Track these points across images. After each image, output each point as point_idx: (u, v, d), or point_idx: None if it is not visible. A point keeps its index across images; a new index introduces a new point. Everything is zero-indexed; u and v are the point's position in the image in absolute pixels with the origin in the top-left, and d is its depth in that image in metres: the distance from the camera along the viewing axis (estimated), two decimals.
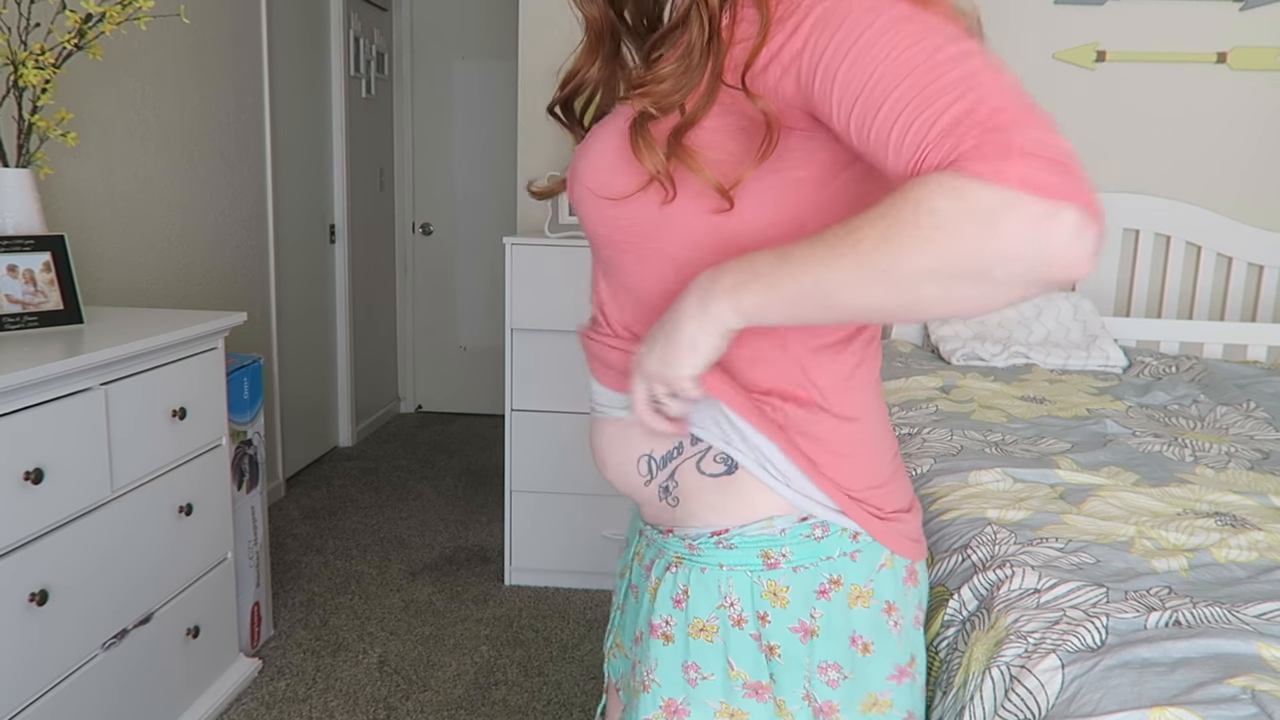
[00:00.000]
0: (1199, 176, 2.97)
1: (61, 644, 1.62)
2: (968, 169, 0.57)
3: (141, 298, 2.60)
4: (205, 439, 2.05)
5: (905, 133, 0.60)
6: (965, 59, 0.60)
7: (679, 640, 0.84)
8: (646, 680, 0.86)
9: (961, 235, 0.57)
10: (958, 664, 1.07)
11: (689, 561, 0.84)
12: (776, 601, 0.81)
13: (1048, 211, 0.56)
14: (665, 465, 0.85)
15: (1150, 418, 2.00)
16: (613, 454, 0.89)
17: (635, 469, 0.87)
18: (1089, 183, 0.57)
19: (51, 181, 2.19)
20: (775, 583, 0.81)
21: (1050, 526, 1.30)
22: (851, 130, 0.64)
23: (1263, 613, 1.04)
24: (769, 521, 0.81)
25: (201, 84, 2.89)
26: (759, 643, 0.82)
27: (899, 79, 0.61)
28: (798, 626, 0.81)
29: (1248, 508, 1.41)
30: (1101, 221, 0.57)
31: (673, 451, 0.84)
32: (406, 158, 4.77)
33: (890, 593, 0.84)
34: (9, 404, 1.48)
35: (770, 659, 0.82)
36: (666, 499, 0.86)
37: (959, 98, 0.59)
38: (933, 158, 0.59)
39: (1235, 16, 2.87)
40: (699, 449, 0.82)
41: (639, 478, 0.87)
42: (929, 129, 0.59)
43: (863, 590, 0.82)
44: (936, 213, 0.58)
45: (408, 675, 2.37)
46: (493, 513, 3.49)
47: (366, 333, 4.48)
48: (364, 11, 4.27)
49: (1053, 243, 0.56)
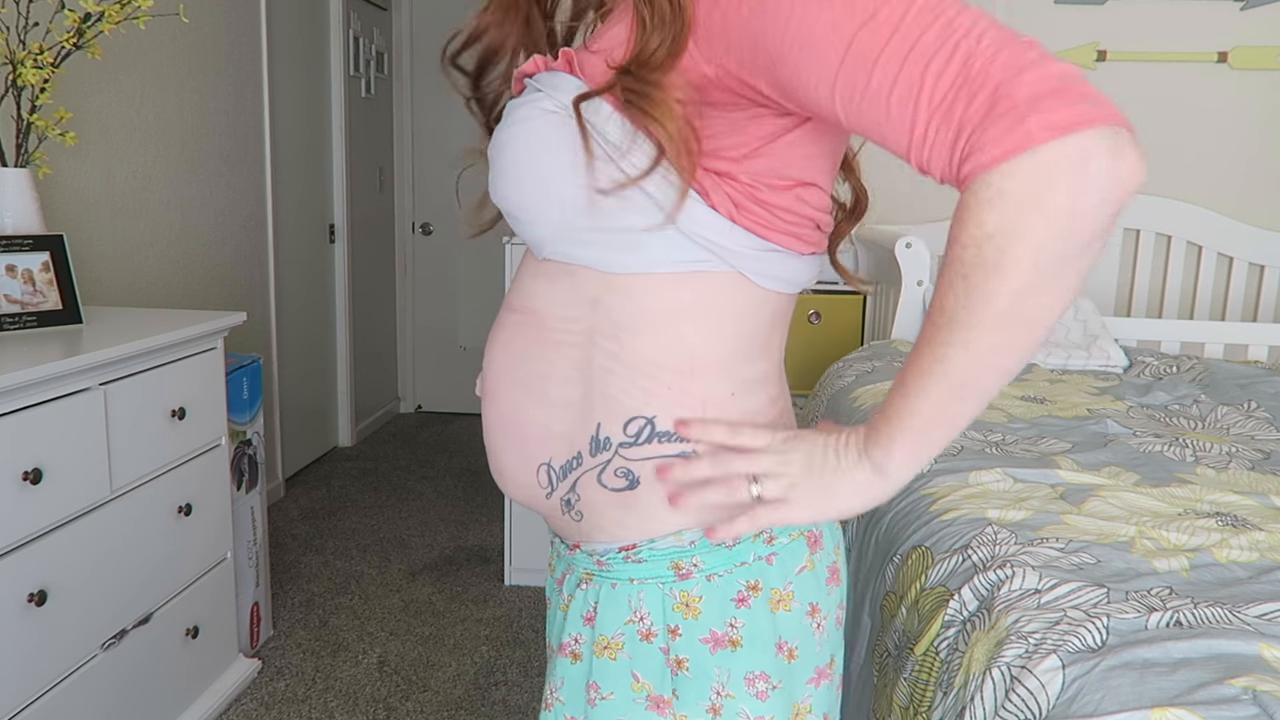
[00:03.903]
0: (1200, 176, 2.97)
1: (61, 644, 1.62)
2: (988, 155, 0.55)
3: (141, 297, 2.60)
4: (205, 439, 2.04)
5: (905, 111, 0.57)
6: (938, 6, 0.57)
7: (585, 658, 0.80)
8: (550, 699, 0.83)
9: (1029, 237, 0.55)
10: (958, 664, 1.07)
11: (599, 577, 0.80)
12: (688, 613, 0.77)
13: (1082, 151, 0.53)
14: (565, 476, 0.78)
15: (1151, 418, 1.99)
16: (512, 464, 0.82)
17: (535, 479, 0.80)
18: (1100, 94, 0.55)
19: (50, 181, 2.19)
20: (688, 593, 0.76)
21: (1051, 527, 1.30)
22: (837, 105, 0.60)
23: (1264, 613, 1.04)
24: (678, 535, 0.76)
25: (201, 83, 2.89)
26: (666, 656, 0.77)
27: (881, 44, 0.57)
28: (708, 637, 0.76)
29: (1249, 508, 1.41)
30: (1127, 122, 0.55)
31: (571, 461, 0.77)
32: (406, 157, 4.77)
33: (813, 594, 0.79)
34: (8, 404, 1.48)
35: (677, 673, 0.77)
36: (570, 513, 0.80)
37: (949, 57, 0.56)
38: (943, 135, 0.57)
39: (1236, 16, 2.87)
40: (600, 460, 0.76)
41: (539, 489, 0.81)
42: (927, 101, 0.56)
43: (783, 594, 0.77)
44: (994, 236, 0.56)
45: (407, 675, 2.37)
46: (493, 513, 3.49)
47: (366, 333, 4.48)
48: (364, 11, 4.27)
49: (1103, 172, 0.54)
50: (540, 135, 0.72)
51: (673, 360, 0.74)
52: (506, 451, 0.83)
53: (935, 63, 0.56)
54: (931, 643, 1.15)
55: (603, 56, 0.71)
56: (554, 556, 0.89)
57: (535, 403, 0.79)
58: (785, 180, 0.71)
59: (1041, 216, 0.54)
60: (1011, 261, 0.56)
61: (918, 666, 1.16)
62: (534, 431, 0.79)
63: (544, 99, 0.73)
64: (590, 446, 0.76)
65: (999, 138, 0.54)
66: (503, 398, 0.82)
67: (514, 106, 0.76)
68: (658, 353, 0.74)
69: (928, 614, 1.20)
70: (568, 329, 0.76)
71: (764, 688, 0.78)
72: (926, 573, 1.28)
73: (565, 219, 0.73)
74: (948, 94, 0.56)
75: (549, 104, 0.72)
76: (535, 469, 0.80)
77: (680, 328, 0.74)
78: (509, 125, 0.75)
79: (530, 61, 0.78)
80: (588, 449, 0.77)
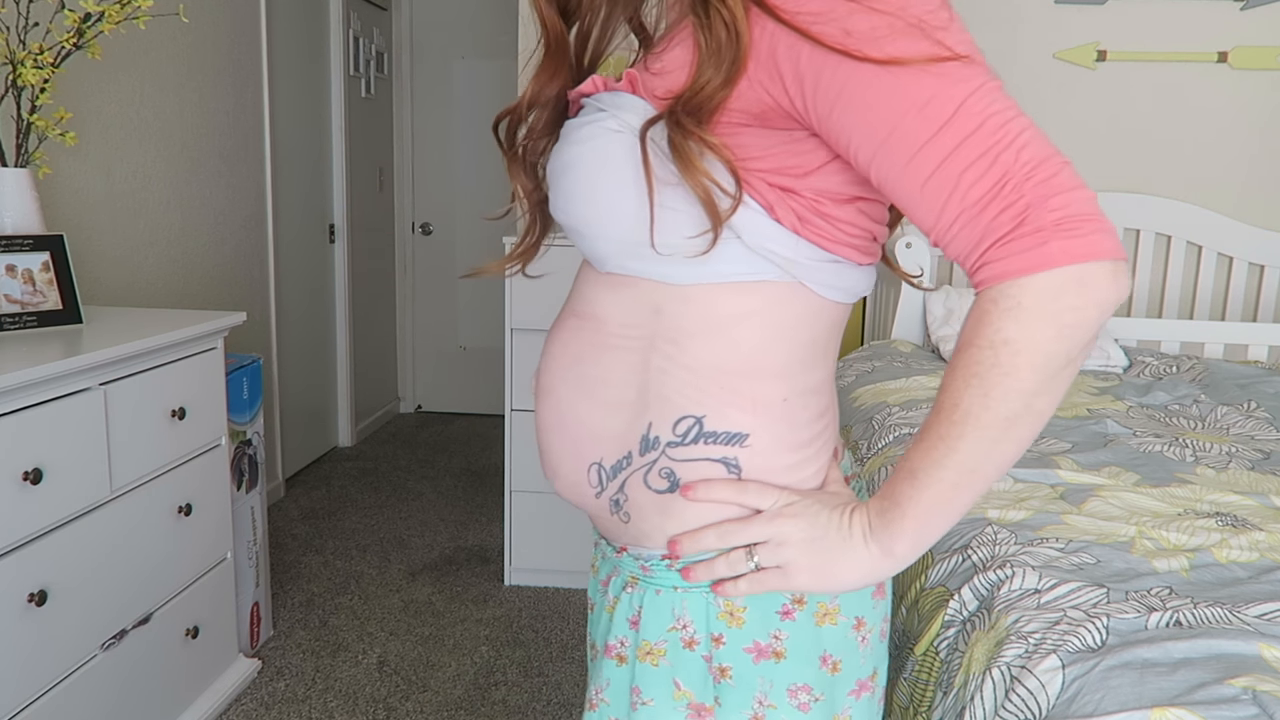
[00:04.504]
0: (1200, 176, 2.97)
1: (60, 644, 1.62)
2: (1011, 265, 0.61)
3: (140, 297, 2.60)
4: (204, 439, 2.04)
5: (936, 200, 0.63)
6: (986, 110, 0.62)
7: (630, 661, 0.81)
8: (595, 699, 0.84)
9: (1042, 348, 0.62)
10: (958, 664, 1.07)
11: (644, 583, 0.80)
12: (732, 622, 0.77)
13: (1090, 273, 0.61)
14: (615, 475, 0.79)
15: (1151, 418, 1.99)
16: (565, 462, 0.84)
17: (586, 478, 0.82)
18: (1109, 224, 0.62)
19: (50, 181, 2.19)
20: (732, 603, 0.77)
21: (1051, 527, 1.30)
22: (872, 171, 0.65)
23: (1264, 613, 1.04)
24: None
25: (200, 83, 2.89)
26: (709, 664, 0.78)
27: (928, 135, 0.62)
28: (751, 647, 0.77)
29: (1249, 508, 1.41)
30: (1123, 252, 0.63)
31: (622, 461, 0.79)
32: (406, 157, 4.77)
33: (859, 608, 0.80)
34: (8, 404, 1.48)
35: (720, 681, 0.78)
36: (618, 514, 0.81)
37: (987, 167, 0.61)
38: (968, 233, 0.63)
39: (1236, 16, 2.87)
40: (648, 460, 0.77)
41: (589, 489, 0.82)
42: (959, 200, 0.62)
43: (829, 608, 0.78)
44: (1010, 342, 0.62)
45: (407, 676, 2.37)
46: (492, 513, 3.49)
47: (366, 333, 4.48)
48: (364, 11, 4.27)
49: (1102, 297, 0.61)
50: (604, 155, 0.73)
51: (730, 364, 0.75)
52: (559, 450, 0.84)
53: (974, 170, 0.62)
54: (931, 643, 1.15)
55: (664, 80, 0.72)
56: (599, 558, 0.90)
57: (590, 403, 0.80)
58: (846, 194, 0.73)
59: (1052, 329, 0.61)
60: (1025, 366, 0.62)
61: (917, 666, 1.16)
62: (586, 431, 0.81)
63: (608, 118, 0.74)
64: (640, 445, 0.78)
65: (1022, 253, 0.61)
66: (557, 397, 0.83)
67: (574, 126, 0.77)
68: (716, 357, 0.75)
69: (927, 614, 1.20)
70: (627, 334, 0.78)
71: (806, 699, 0.78)
72: (926, 572, 1.28)
73: (630, 236, 0.73)
74: (981, 199, 0.62)
75: (613, 123, 0.73)
76: (587, 468, 0.81)
77: (740, 334, 0.75)
78: (570, 144, 0.76)
79: (588, 81, 0.78)
80: (638, 448, 0.78)
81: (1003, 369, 0.63)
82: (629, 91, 0.75)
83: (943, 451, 0.66)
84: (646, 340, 0.77)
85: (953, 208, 0.63)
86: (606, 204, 0.74)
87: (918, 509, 0.69)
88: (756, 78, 0.67)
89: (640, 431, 0.77)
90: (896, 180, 0.64)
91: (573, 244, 0.80)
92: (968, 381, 0.64)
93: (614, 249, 0.76)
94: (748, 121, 0.69)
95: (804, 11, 0.64)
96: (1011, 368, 0.62)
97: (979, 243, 0.63)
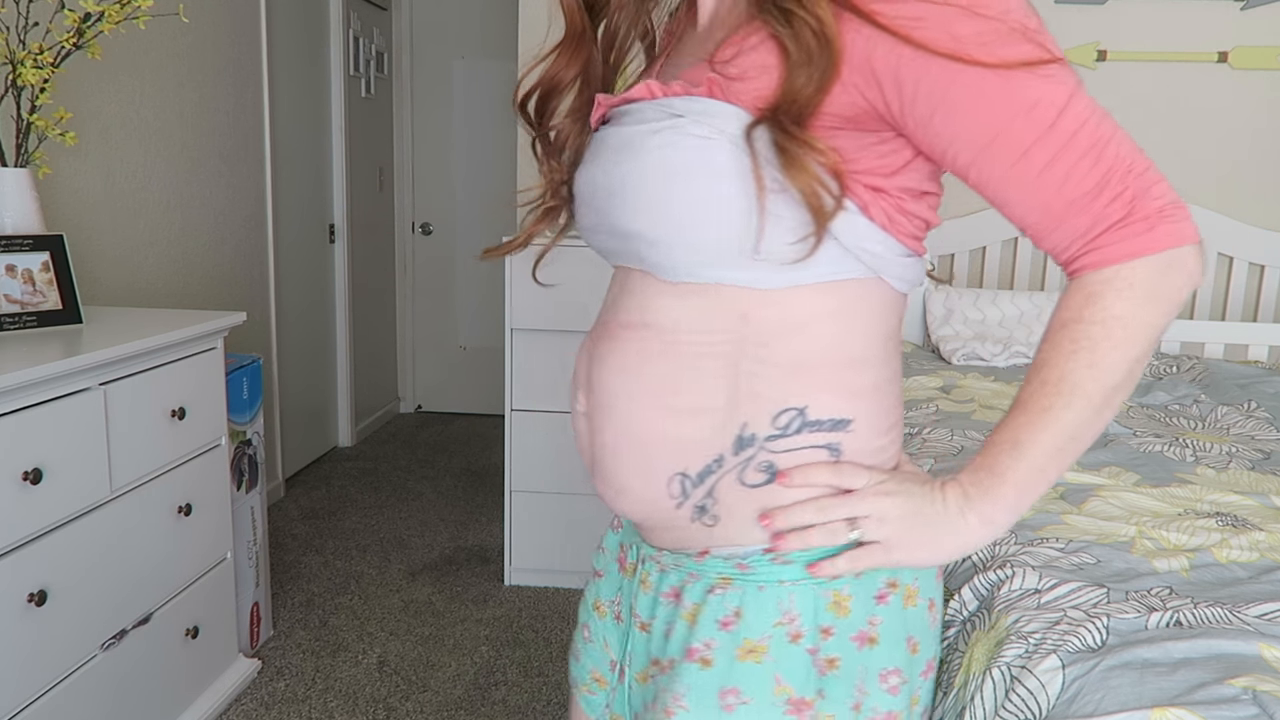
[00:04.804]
0: (1200, 176, 2.97)
1: (60, 644, 1.62)
2: (1123, 248, 0.67)
3: (140, 297, 2.60)
4: (204, 439, 2.04)
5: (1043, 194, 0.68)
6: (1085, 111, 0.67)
7: (720, 664, 0.79)
8: (672, 706, 0.80)
9: (1148, 321, 0.69)
10: (958, 664, 1.07)
11: (740, 581, 0.79)
12: (840, 612, 0.77)
13: (1185, 255, 0.68)
14: (702, 482, 0.78)
15: (1151, 418, 1.99)
16: (637, 478, 0.81)
17: (665, 490, 0.80)
18: (1190, 214, 0.69)
19: (50, 181, 2.19)
20: (839, 592, 0.77)
21: (1051, 527, 1.30)
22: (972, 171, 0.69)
23: (1264, 613, 1.04)
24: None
25: (200, 83, 2.89)
26: (814, 657, 0.78)
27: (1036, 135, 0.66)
28: (857, 635, 0.78)
29: (1249, 508, 1.41)
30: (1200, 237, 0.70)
31: (711, 465, 0.78)
32: (406, 157, 4.77)
33: (931, 590, 0.83)
34: (8, 404, 1.48)
35: (826, 673, 0.78)
36: (701, 519, 0.80)
37: (1094, 161, 0.66)
38: (1076, 221, 0.68)
39: (1236, 16, 2.87)
40: (743, 458, 0.77)
41: (668, 501, 0.80)
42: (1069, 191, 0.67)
43: (911, 590, 0.80)
44: (1120, 317, 0.68)
45: (407, 676, 2.37)
46: (492, 513, 3.49)
47: (366, 333, 4.48)
48: (364, 11, 4.27)
49: (1194, 277, 0.69)
50: (692, 163, 0.72)
51: (824, 356, 0.77)
52: (630, 467, 0.82)
53: (1082, 164, 0.66)
54: None
55: (752, 85, 0.71)
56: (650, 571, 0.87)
57: (664, 414, 0.79)
58: (921, 190, 0.75)
59: (1158, 305, 0.68)
60: (1134, 338, 0.69)
61: None
62: (665, 443, 0.79)
63: (690, 124, 0.72)
64: (734, 446, 0.77)
65: (1135, 237, 0.67)
66: (622, 413, 0.81)
67: (636, 135, 0.75)
68: (809, 352, 0.76)
69: None
70: (704, 341, 0.77)
71: (896, 683, 0.79)
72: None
73: (724, 244, 0.73)
74: (1090, 190, 0.67)
75: (701, 130, 0.72)
76: (667, 480, 0.80)
77: (829, 328, 0.76)
78: (636, 154, 0.75)
79: (641, 87, 0.77)
80: (730, 449, 0.77)
81: (1113, 341, 0.68)
82: (712, 97, 0.73)
83: (1047, 421, 0.70)
84: (732, 345, 0.76)
85: (1061, 200, 0.67)
86: (690, 213, 0.72)
87: (1018, 476, 0.72)
88: (851, 82, 0.68)
89: (734, 432, 0.77)
90: (1001, 179, 0.68)
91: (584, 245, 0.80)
92: (1074, 355, 0.69)
93: (697, 258, 0.74)
94: (840, 125, 0.70)
95: (902, 16, 0.65)
96: (1121, 340, 0.68)
97: (1089, 229, 0.68)
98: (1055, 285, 3.01)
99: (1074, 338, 0.69)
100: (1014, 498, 0.73)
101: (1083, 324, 0.69)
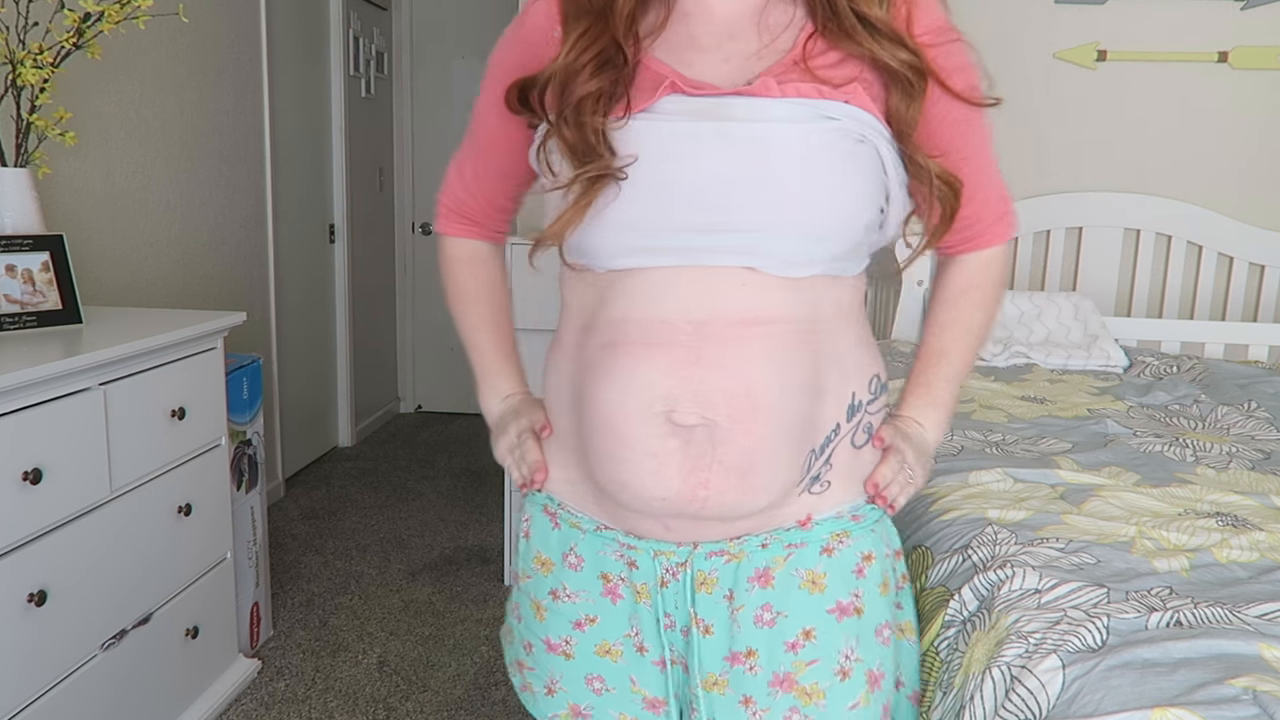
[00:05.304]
0: (1200, 176, 2.97)
1: (60, 644, 1.62)
2: (1001, 237, 0.97)
3: (140, 297, 2.60)
4: (204, 439, 2.04)
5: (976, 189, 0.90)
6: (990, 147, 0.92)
7: (870, 607, 0.91)
8: (846, 665, 0.89)
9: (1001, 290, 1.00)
10: (958, 664, 1.07)
11: (858, 530, 0.91)
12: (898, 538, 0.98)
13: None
14: (823, 452, 0.88)
15: (1151, 418, 1.99)
16: (783, 469, 0.86)
17: (800, 472, 0.87)
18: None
19: (50, 181, 2.19)
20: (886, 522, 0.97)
21: (1051, 527, 1.30)
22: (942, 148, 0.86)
23: (1264, 613, 1.04)
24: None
25: (200, 83, 2.89)
26: (896, 574, 0.95)
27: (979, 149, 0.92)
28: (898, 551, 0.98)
29: (1249, 508, 1.41)
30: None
31: (830, 435, 0.88)
32: (406, 157, 4.77)
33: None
34: (8, 404, 1.48)
35: (903, 586, 0.98)
36: (812, 488, 0.89)
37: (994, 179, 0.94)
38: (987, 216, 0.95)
39: (1236, 16, 2.87)
40: (854, 423, 0.90)
41: (795, 486, 0.88)
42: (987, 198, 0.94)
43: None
44: (1002, 278, 0.99)
45: (407, 676, 2.37)
46: (493, 513, 3.49)
47: (366, 333, 4.48)
48: (364, 11, 4.27)
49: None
50: (854, 163, 0.81)
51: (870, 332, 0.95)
52: (780, 459, 0.85)
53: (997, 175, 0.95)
54: (931, 642, 1.15)
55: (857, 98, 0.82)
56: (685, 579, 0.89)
57: (809, 399, 0.85)
58: None
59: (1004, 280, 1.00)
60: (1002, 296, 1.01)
61: None
62: (807, 426, 0.86)
63: (852, 126, 0.81)
64: (848, 414, 0.89)
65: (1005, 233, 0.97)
66: (776, 407, 0.83)
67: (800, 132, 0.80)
68: (866, 329, 0.93)
69: (928, 614, 1.20)
70: (811, 328, 0.84)
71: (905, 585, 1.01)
72: (926, 573, 1.28)
73: (868, 238, 0.85)
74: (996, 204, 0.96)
75: (860, 130, 0.81)
76: (803, 461, 0.88)
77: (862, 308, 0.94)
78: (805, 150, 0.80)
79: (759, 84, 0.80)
80: (845, 417, 0.89)
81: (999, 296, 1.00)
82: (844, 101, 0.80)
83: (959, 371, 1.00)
84: (833, 326, 0.86)
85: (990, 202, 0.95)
86: (851, 209, 0.82)
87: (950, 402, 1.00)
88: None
89: (846, 402, 0.89)
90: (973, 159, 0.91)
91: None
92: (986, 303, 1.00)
93: (840, 250, 0.83)
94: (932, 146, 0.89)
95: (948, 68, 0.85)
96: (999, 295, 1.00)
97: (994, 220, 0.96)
98: (1055, 285, 3.01)
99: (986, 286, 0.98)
100: (948, 416, 1.00)
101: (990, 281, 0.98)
